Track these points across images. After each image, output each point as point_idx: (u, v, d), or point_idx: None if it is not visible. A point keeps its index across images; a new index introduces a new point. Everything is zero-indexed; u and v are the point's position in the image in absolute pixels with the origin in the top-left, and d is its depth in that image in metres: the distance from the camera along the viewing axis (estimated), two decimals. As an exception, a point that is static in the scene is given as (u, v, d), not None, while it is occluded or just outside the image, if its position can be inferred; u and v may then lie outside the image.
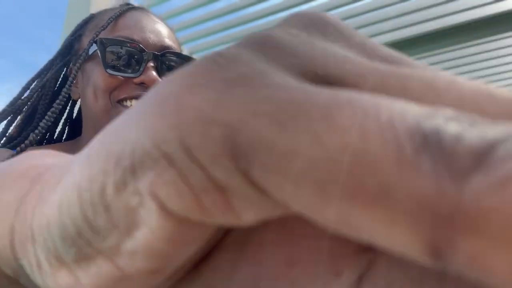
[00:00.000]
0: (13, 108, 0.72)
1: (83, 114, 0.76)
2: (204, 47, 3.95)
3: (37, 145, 0.76)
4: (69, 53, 0.76)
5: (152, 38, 0.70)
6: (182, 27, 3.66)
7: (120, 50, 0.67)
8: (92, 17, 0.80)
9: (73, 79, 0.74)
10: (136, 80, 0.68)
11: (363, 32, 3.70)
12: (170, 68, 0.72)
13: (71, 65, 0.76)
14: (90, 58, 0.71)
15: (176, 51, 0.73)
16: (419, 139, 0.08)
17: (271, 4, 3.45)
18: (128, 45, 0.67)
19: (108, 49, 0.67)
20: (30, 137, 0.67)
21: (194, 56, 4.03)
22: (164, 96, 0.10)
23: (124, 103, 0.68)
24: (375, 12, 3.52)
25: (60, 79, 0.77)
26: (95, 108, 0.69)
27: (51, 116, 0.69)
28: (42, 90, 0.74)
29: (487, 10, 3.39)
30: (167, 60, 0.71)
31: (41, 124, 0.70)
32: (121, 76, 0.67)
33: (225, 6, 3.48)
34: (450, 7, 3.38)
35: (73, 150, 0.76)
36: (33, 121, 0.75)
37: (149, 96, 0.11)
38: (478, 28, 3.44)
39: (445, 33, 3.56)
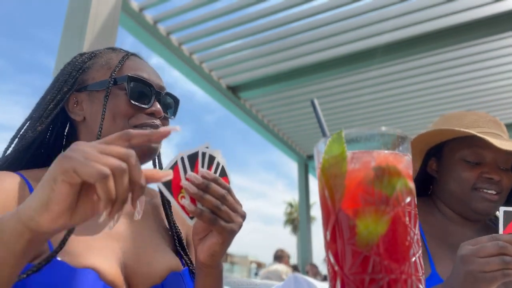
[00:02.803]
0: (18, 132, 0.89)
1: (84, 135, 0.91)
2: (203, 47, 3.97)
3: (32, 163, 0.89)
4: (75, 82, 0.91)
5: (155, 79, 0.93)
6: (182, 27, 3.67)
7: (139, 86, 0.88)
8: (94, 55, 0.95)
9: (77, 104, 0.91)
10: (148, 111, 0.88)
11: (362, 32, 3.71)
12: (166, 104, 0.95)
13: (73, 92, 0.90)
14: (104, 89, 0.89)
15: (167, 90, 0.96)
16: None
17: (271, 4, 3.46)
18: (145, 83, 0.89)
19: (131, 84, 0.87)
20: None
21: (194, 56, 4.04)
22: None
23: (139, 128, 0.85)
24: (375, 12, 3.53)
25: (61, 105, 0.90)
26: (112, 130, 0.84)
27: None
28: (53, 112, 0.88)
29: (487, 10, 3.40)
30: (165, 97, 0.94)
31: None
32: (140, 106, 0.86)
33: (224, 6, 3.49)
34: (450, 7, 3.39)
35: None
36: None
37: None
38: (478, 28, 3.45)
39: (445, 33, 3.57)
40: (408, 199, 0.45)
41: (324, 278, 6.22)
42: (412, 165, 0.49)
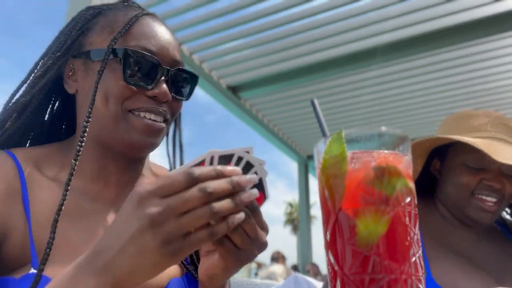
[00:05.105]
0: (15, 102, 0.74)
1: (78, 112, 0.76)
2: (204, 47, 3.96)
3: (21, 136, 0.76)
4: (72, 45, 0.75)
5: (166, 52, 0.73)
6: (182, 27, 3.67)
7: (140, 62, 0.70)
8: (99, 12, 0.77)
9: (72, 73, 0.75)
10: (150, 93, 0.71)
11: (362, 32, 3.71)
12: (178, 83, 0.76)
13: (70, 58, 0.75)
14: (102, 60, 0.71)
15: (184, 67, 0.78)
16: None
17: (271, 4, 3.46)
18: (148, 58, 0.70)
19: (129, 60, 0.69)
20: (75, 156, 0.65)
21: (194, 56, 4.04)
22: None
23: (136, 113, 0.70)
24: (375, 12, 3.53)
25: (51, 74, 0.75)
26: (104, 113, 0.70)
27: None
28: (40, 81, 0.74)
29: (487, 10, 3.39)
30: (177, 75, 0.75)
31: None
32: (139, 87, 0.70)
33: (225, 6, 3.49)
34: (450, 7, 3.39)
35: (67, 151, 0.75)
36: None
37: None
38: (478, 28, 3.45)
39: (445, 33, 3.57)
40: (408, 199, 0.45)
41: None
42: (412, 165, 0.49)
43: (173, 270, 0.74)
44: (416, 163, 1.17)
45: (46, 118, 0.81)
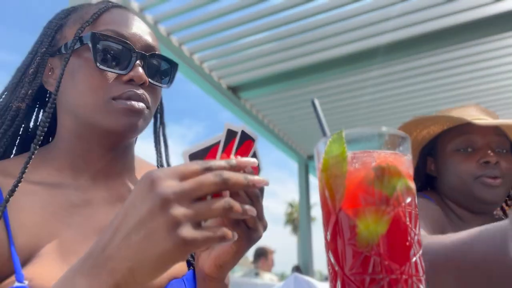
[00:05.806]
0: None
1: (62, 109, 0.74)
2: (204, 47, 3.96)
3: (8, 146, 0.74)
4: (49, 44, 0.74)
5: (138, 36, 0.72)
6: (182, 27, 3.67)
7: (111, 45, 0.68)
8: (73, 9, 0.78)
9: (52, 72, 0.74)
10: (125, 78, 0.69)
11: (363, 32, 3.71)
12: (155, 69, 0.74)
13: (49, 58, 0.75)
14: (75, 51, 0.70)
15: (159, 52, 0.77)
16: None
17: (271, 4, 3.46)
18: (119, 41, 0.68)
19: (99, 44, 0.67)
20: (32, 148, 0.64)
21: (194, 56, 4.04)
22: None
23: (117, 101, 0.68)
24: (376, 12, 3.53)
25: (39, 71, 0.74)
26: (84, 104, 0.68)
27: (47, 117, 0.67)
28: (20, 84, 0.73)
29: (487, 10, 3.39)
30: (153, 61, 0.74)
31: (40, 128, 0.67)
32: (111, 72, 0.68)
33: (225, 6, 3.48)
34: (450, 7, 3.38)
35: (54, 153, 0.73)
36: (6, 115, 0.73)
37: None
38: (478, 28, 3.45)
39: (446, 33, 3.57)
40: (408, 199, 0.45)
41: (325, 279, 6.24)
42: (412, 165, 0.49)
43: (175, 270, 0.71)
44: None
45: (31, 125, 0.79)
